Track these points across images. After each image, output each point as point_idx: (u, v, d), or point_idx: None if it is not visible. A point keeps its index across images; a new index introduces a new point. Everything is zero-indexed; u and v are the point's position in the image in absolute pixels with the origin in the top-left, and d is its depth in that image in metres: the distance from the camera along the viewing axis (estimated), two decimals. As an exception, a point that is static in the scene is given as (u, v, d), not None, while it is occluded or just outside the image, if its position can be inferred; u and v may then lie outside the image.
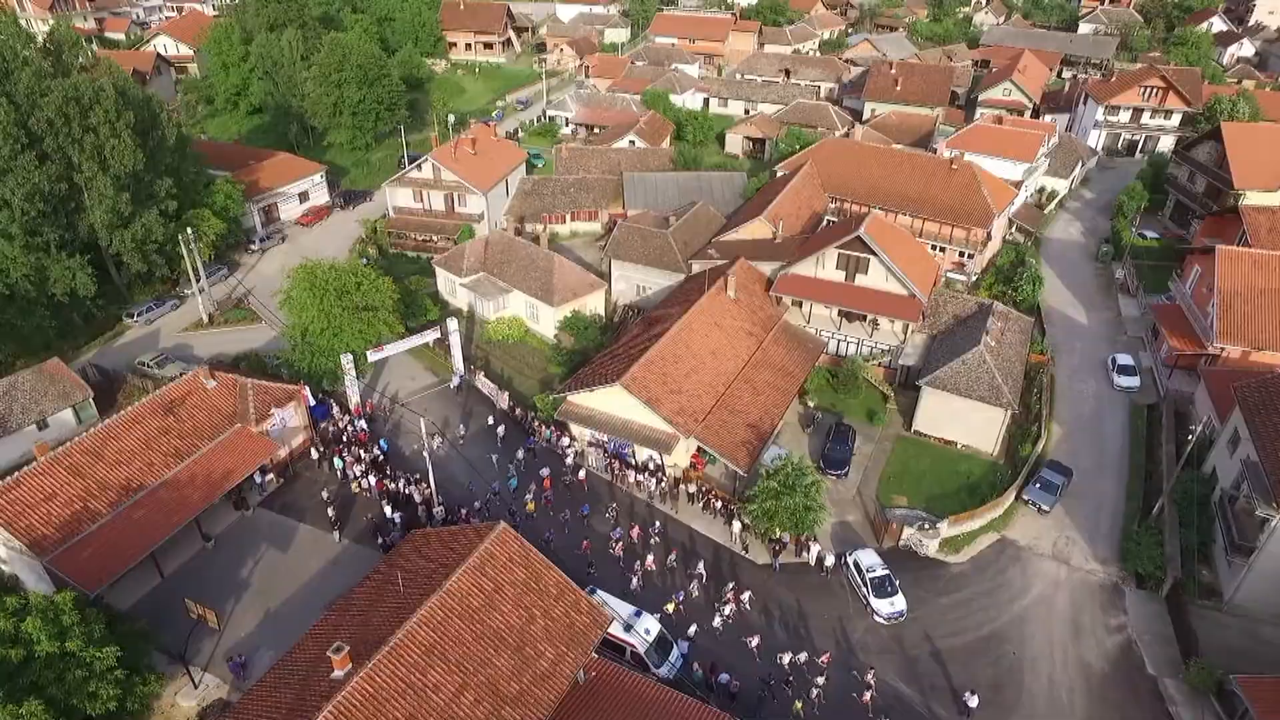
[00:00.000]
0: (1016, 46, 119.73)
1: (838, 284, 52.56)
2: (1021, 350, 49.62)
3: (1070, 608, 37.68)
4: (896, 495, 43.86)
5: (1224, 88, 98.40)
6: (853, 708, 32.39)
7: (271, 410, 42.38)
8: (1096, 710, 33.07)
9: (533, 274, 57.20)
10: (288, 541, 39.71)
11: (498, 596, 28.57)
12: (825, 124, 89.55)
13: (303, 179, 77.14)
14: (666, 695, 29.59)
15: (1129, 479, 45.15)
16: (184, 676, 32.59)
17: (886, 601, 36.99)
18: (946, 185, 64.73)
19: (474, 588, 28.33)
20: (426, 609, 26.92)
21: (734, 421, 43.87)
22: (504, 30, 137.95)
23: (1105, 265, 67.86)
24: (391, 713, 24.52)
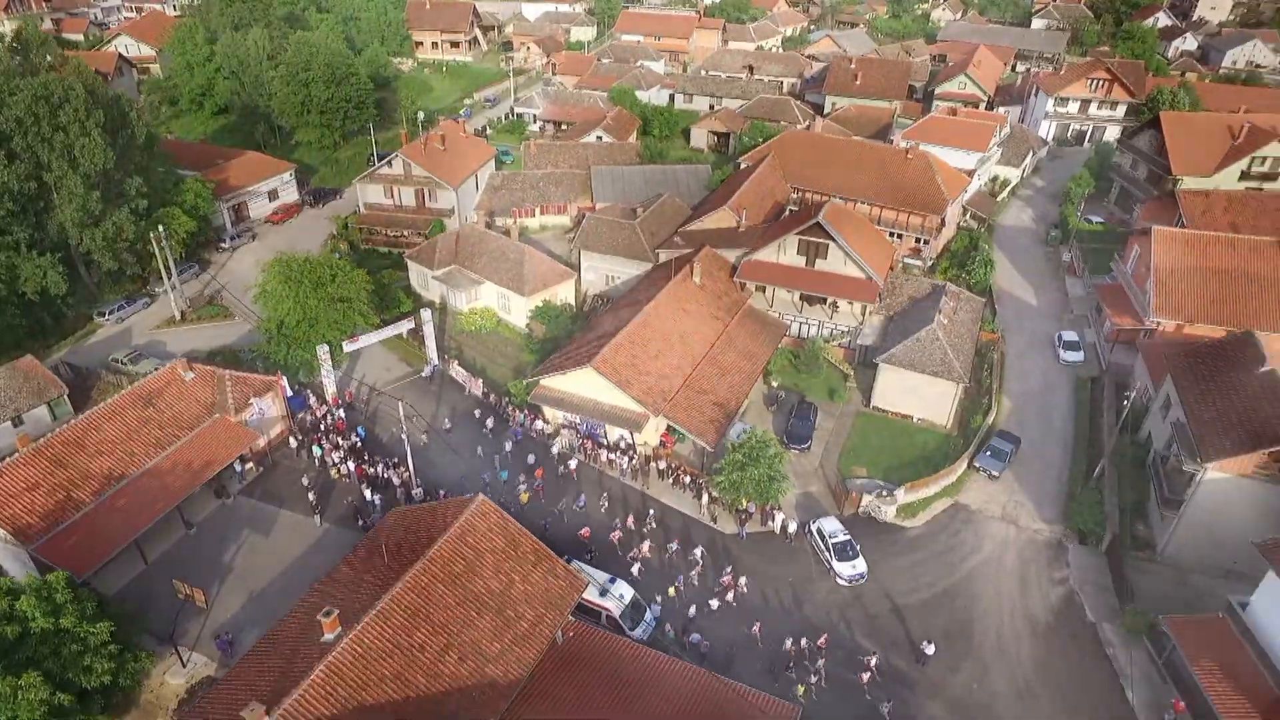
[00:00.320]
0: (972, 42, 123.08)
1: (799, 269, 54.71)
2: (973, 328, 52.15)
3: (1018, 564, 40.14)
4: (856, 466, 46.06)
5: (1166, 79, 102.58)
6: (852, 688, 33.54)
7: (250, 400, 43.38)
8: (1041, 654, 35.49)
9: (504, 265, 58.61)
10: (269, 527, 40.81)
11: (478, 563, 30.10)
12: (787, 118, 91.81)
13: (272, 177, 77.64)
14: (641, 652, 31.40)
15: (1073, 446, 47.87)
16: (172, 657, 33.66)
17: (848, 565, 39.11)
18: (903, 174, 67.22)
19: (455, 555, 29.83)
20: (411, 575, 28.37)
21: (701, 401, 45.76)
22: (470, 29, 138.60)
23: (1053, 249, 70.91)
24: (380, 671, 25.97)
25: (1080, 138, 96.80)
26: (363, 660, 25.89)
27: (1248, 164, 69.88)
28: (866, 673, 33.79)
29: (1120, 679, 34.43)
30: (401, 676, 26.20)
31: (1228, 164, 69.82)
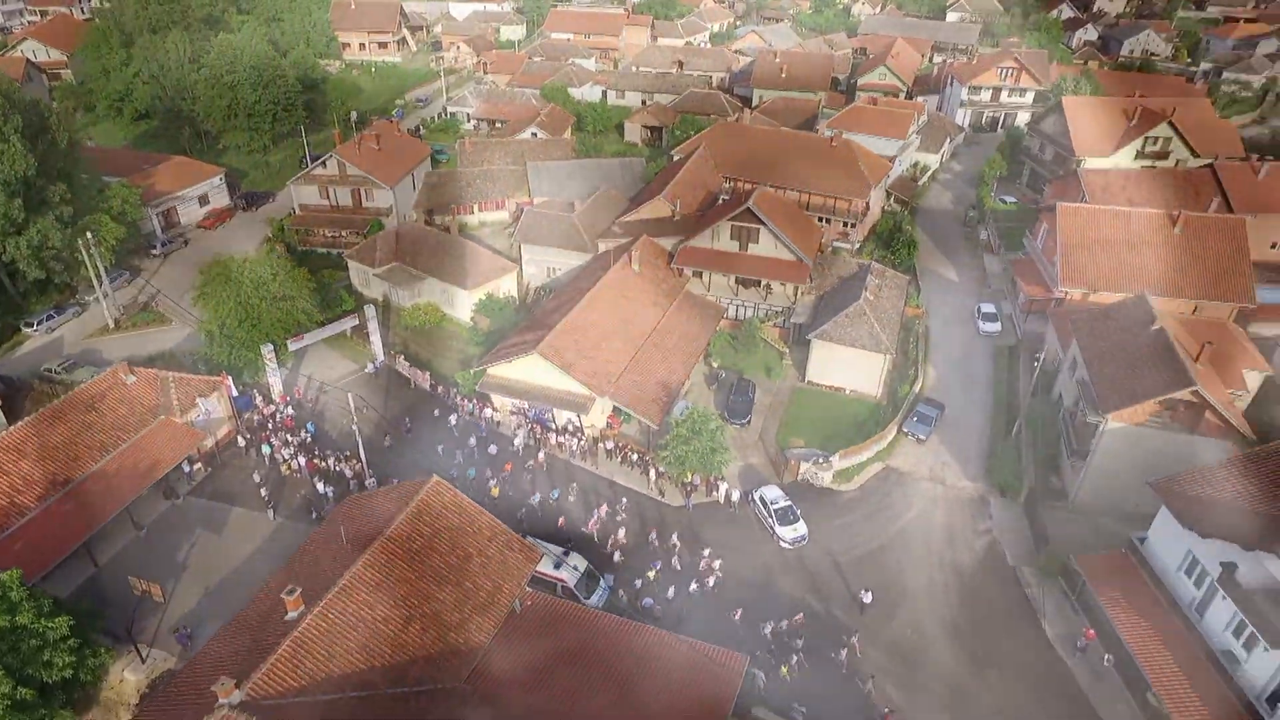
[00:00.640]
0: (891, 35, 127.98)
1: (733, 254, 56.96)
2: (898, 303, 55.18)
3: (945, 519, 43.09)
4: (794, 437, 48.47)
5: (1070, 68, 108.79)
6: (830, 665, 34.61)
7: (196, 401, 43.35)
8: (968, 598, 38.35)
9: (445, 261, 59.34)
10: (222, 524, 40.98)
11: (435, 540, 31.24)
12: (717, 111, 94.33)
13: (201, 182, 76.36)
14: (596, 616, 32.98)
15: (993, 409, 51.29)
16: (130, 654, 33.79)
17: (790, 528, 41.39)
18: (828, 162, 70.16)
19: (413, 533, 30.91)
20: (370, 553, 29.38)
21: (644, 381, 47.52)
22: (398, 29, 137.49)
23: (971, 228, 74.97)
24: (345, 643, 26.96)
25: (994, 124, 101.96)
26: (327, 635, 26.84)
27: (1142, 144, 75.21)
28: (844, 649, 34.75)
29: (1038, 615, 37.51)
30: (366, 648, 27.24)
31: (1124, 144, 75.00)
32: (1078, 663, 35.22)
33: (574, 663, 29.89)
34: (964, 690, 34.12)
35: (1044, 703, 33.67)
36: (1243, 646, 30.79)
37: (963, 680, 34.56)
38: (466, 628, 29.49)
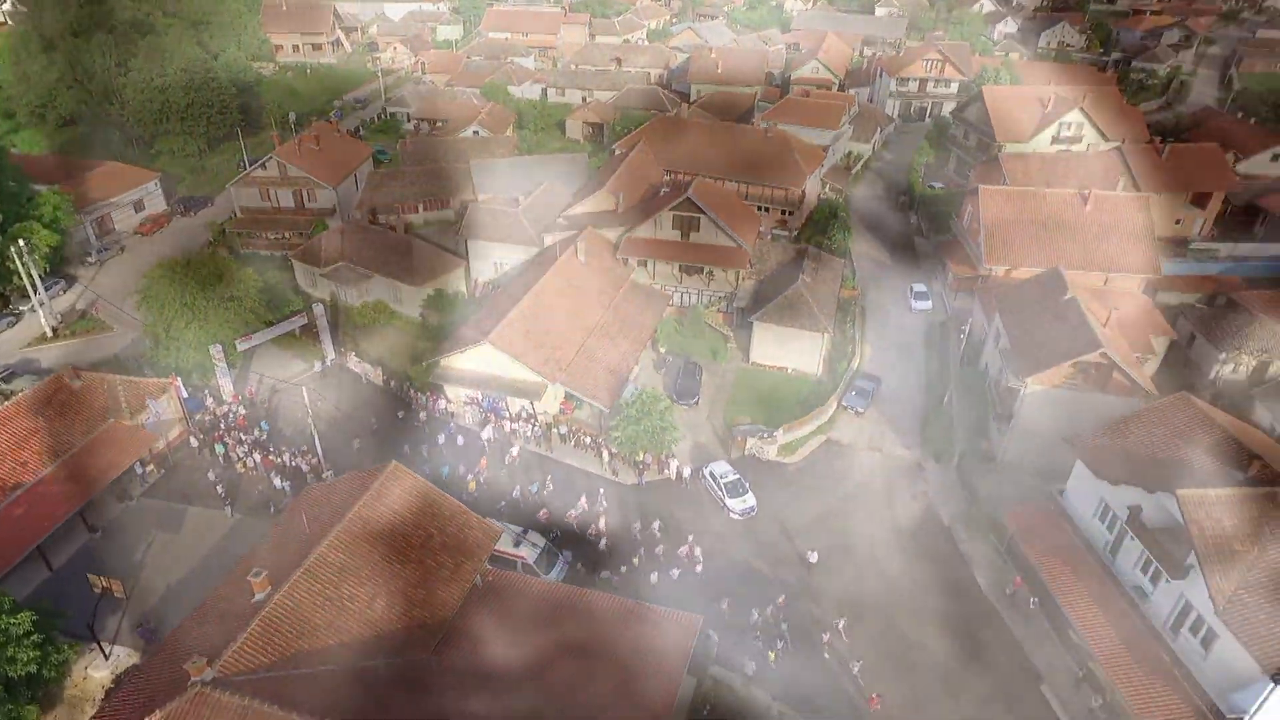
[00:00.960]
0: (823, 30, 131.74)
1: (675, 242, 58.80)
2: (834, 285, 57.72)
3: (884, 484, 45.62)
4: (740, 415, 50.52)
5: (991, 59, 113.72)
6: (814, 647, 35.62)
7: (146, 403, 43.24)
8: (907, 555, 40.84)
9: (392, 259, 59.81)
10: (179, 523, 41.08)
11: (397, 521, 32.21)
12: (656, 106, 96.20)
13: (136, 188, 75.06)
14: (555, 587, 34.36)
15: (926, 380, 54.18)
16: (93, 651, 33.91)
17: (739, 500, 43.34)
18: (764, 152, 72.59)
19: (374, 515, 31.83)
20: (334, 535, 30.23)
21: (594, 368, 48.98)
22: (332, 31, 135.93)
23: (903, 213, 78.34)
24: (313, 621, 27.83)
25: (922, 114, 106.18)
26: (295, 614, 27.67)
27: (1056, 129, 79.52)
28: (827, 633, 35.72)
29: (971, 566, 40.19)
30: (334, 625, 28.14)
31: (1040, 130, 79.20)
32: (1007, 607, 37.94)
33: (535, 630, 31.19)
34: (905, 639, 36.47)
35: (978, 645, 36.25)
36: (1149, 581, 33.77)
37: (904, 630, 36.93)
38: (431, 603, 30.57)
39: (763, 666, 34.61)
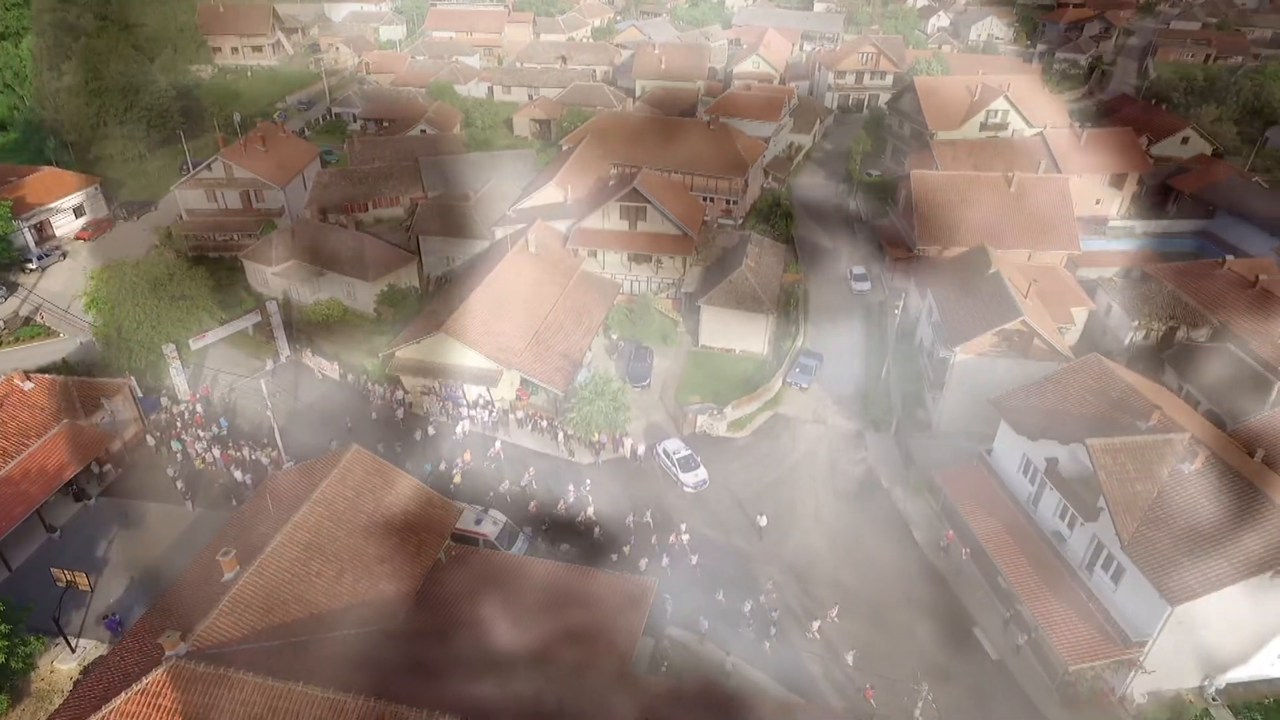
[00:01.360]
0: (763, 26, 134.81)
1: (623, 232, 60.59)
2: (778, 268, 60.12)
3: (828, 454, 48.06)
4: (691, 395, 52.53)
5: (924, 51, 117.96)
6: (803, 636, 36.42)
7: (100, 403, 43.39)
8: (850, 518, 43.26)
9: (344, 256, 60.35)
10: (140, 520, 41.41)
11: (360, 500, 33.36)
12: (602, 102, 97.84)
13: (75, 193, 73.93)
14: (516, 558, 35.86)
15: (866, 356, 56.89)
16: (59, 645, 34.29)
17: (692, 474, 45.29)
18: (707, 144, 74.85)
19: (338, 496, 32.94)
20: (299, 516, 31.29)
21: (547, 354, 50.45)
22: (272, 32, 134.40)
23: (843, 200, 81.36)
24: (282, 596, 28.90)
25: (859, 105, 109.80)
26: (264, 590, 28.72)
27: (984, 117, 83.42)
28: (817, 621, 36.27)
29: (909, 525, 42.80)
30: (303, 599, 29.26)
31: (969, 118, 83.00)
32: (941, 559, 40.62)
33: (499, 599, 32.67)
34: (850, 591, 38.77)
35: (916, 595, 38.80)
36: (1066, 526, 36.65)
37: (849, 584, 39.26)
38: (397, 577, 31.81)
39: (759, 656, 35.24)
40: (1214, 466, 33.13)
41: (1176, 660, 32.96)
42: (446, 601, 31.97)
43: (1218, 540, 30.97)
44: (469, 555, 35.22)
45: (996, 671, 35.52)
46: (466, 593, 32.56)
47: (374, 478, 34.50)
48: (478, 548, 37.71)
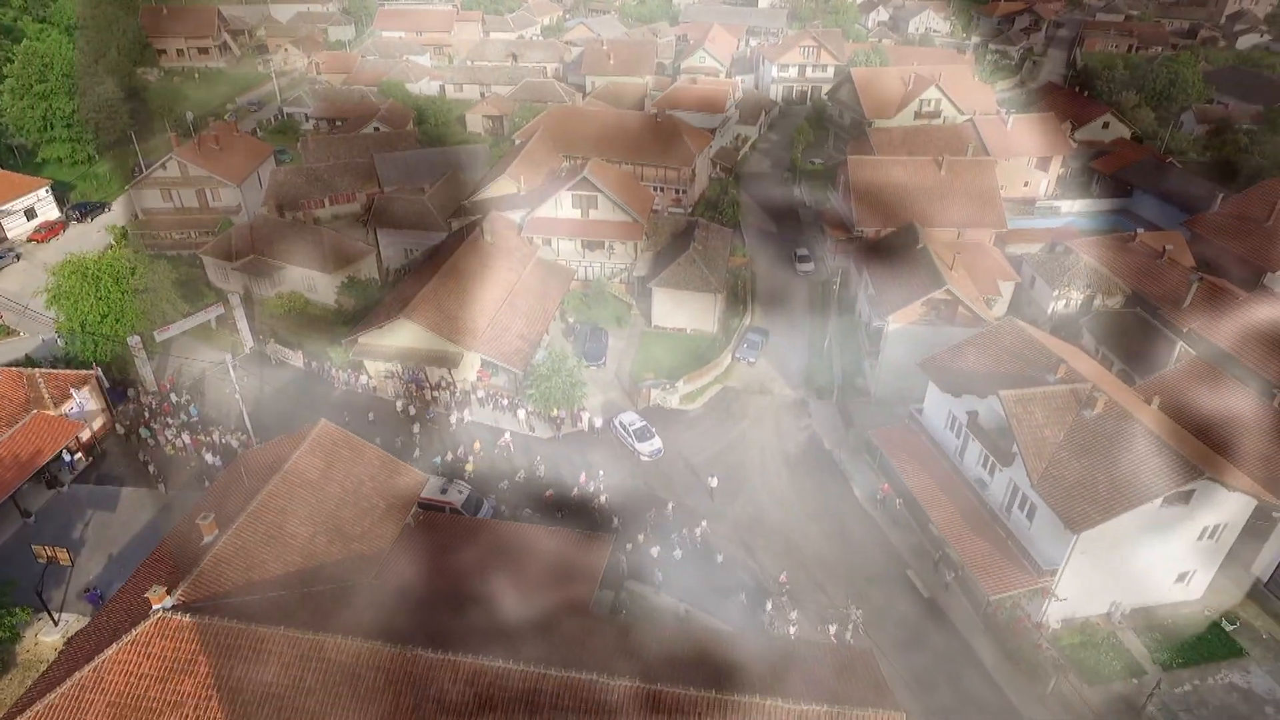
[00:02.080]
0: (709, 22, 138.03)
1: (576, 220, 63.01)
2: (724, 251, 63.08)
3: (775, 421, 51.15)
4: (646, 373, 55.14)
5: (863, 44, 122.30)
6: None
7: (69, 392, 44.46)
8: (794, 477, 46.38)
9: (303, 249, 61.72)
10: (114, 504, 42.69)
11: (331, 470, 35.29)
12: (553, 98, 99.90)
13: (25, 195, 73.88)
14: (480, 521, 38.13)
15: (810, 331, 60.17)
16: (42, 619, 35.62)
17: (647, 444, 47.95)
18: (654, 136, 77.58)
19: (309, 466, 34.82)
20: (273, 484, 33.12)
21: (506, 336, 52.67)
22: (218, 34, 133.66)
23: (787, 187, 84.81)
24: (261, 556, 30.79)
25: (803, 97, 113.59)
26: (243, 550, 30.59)
27: (918, 105, 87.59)
28: (834, 625, 36.65)
29: (849, 482, 46.05)
30: (281, 559, 31.17)
31: (904, 106, 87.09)
32: (877, 510, 43.92)
33: (464, 558, 34.94)
34: (794, 542, 41.82)
35: (855, 543, 42.02)
36: (988, 473, 40.15)
37: (793, 536, 42.28)
38: (368, 538, 33.87)
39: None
40: (1112, 411, 36.81)
41: (1085, 588, 36.55)
42: (415, 559, 34.10)
43: (1114, 474, 34.59)
44: (436, 519, 37.41)
45: (928, 608, 38.85)
46: (434, 551, 34.74)
47: (342, 449, 36.44)
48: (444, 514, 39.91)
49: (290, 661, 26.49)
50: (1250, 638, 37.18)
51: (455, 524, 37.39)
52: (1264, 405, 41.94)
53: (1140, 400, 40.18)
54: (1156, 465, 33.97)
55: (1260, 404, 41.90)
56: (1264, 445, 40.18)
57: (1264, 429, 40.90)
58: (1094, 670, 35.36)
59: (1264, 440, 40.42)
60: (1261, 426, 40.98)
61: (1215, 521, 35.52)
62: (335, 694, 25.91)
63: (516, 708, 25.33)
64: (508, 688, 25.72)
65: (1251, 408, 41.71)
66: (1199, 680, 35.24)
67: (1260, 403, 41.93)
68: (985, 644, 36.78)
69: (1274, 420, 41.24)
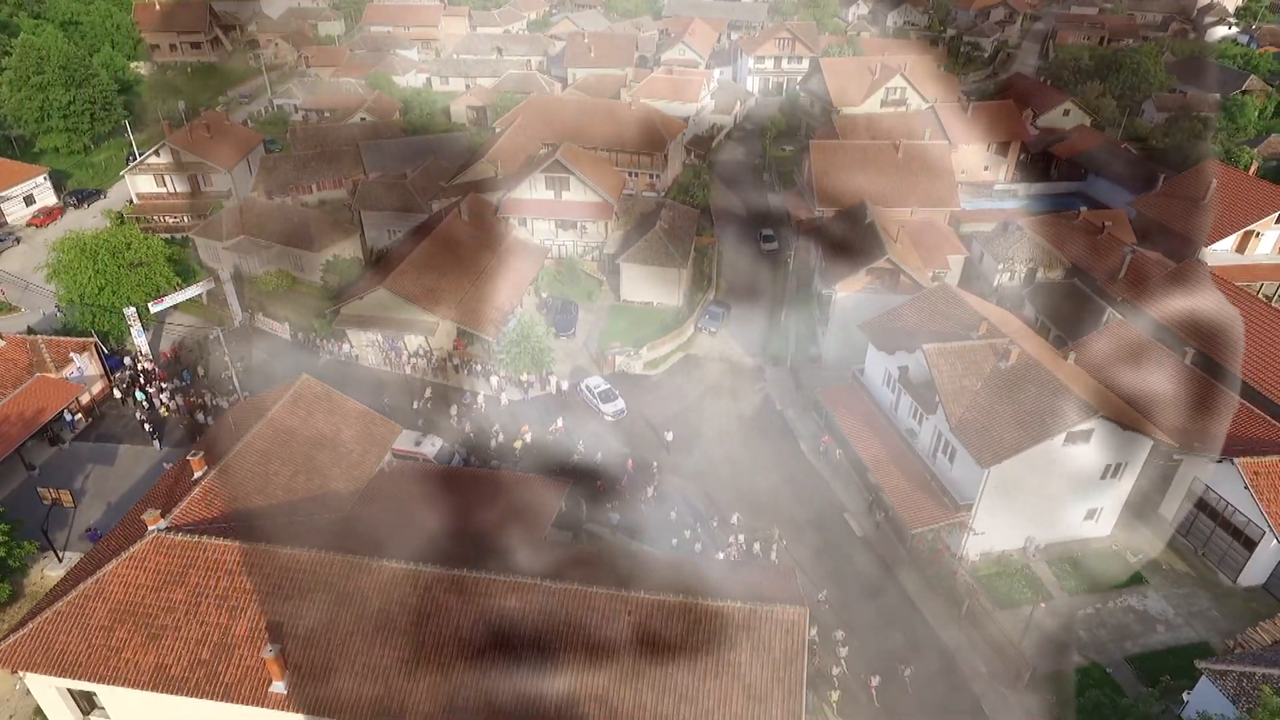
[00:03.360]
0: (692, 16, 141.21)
1: (549, 201, 66.40)
2: (690, 230, 66.44)
3: (732, 385, 54.66)
4: (613, 341, 58.63)
5: (838, 37, 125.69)
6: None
7: (69, 357, 47.79)
8: (747, 434, 49.89)
9: (291, 229, 65.00)
10: (111, 459, 46.08)
11: (310, 419, 38.69)
12: (535, 89, 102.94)
13: (25, 182, 77.06)
14: (448, 468, 41.58)
15: (770, 305, 63.64)
16: (47, 556, 39.01)
17: (611, 405, 51.41)
18: (630, 124, 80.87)
19: (290, 415, 38.21)
20: (257, 429, 36.51)
21: (481, 307, 56.09)
22: (210, 29, 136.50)
23: (758, 174, 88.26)
24: (246, 489, 34.19)
25: (779, 88, 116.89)
26: (230, 484, 33.97)
27: (885, 94, 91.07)
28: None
29: (796, 437, 49.56)
30: (263, 492, 34.56)
31: (871, 94, 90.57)
32: (820, 461, 47.47)
33: (430, 496, 38.35)
34: (744, 490, 45.26)
35: (800, 489, 45.55)
36: (917, 423, 43.69)
37: (743, 484, 45.75)
38: (344, 479, 37.28)
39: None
40: (1024, 362, 40.34)
41: (1001, 525, 40.09)
42: (386, 496, 37.54)
43: (1021, 416, 38.14)
44: (409, 466, 40.84)
45: (862, 545, 42.42)
46: (404, 491, 38.18)
47: (322, 401, 39.85)
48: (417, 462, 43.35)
49: (270, 573, 29.86)
50: (1151, 569, 40.80)
51: (425, 469, 40.83)
52: (1175, 361, 45.69)
53: (1057, 356, 43.75)
54: (1057, 407, 37.51)
55: (1171, 360, 45.63)
56: (1171, 395, 43.92)
57: (1173, 382, 44.65)
58: (1006, 596, 38.97)
59: (1172, 391, 44.16)
60: (1171, 380, 44.73)
61: (1115, 461, 39.07)
62: (310, 599, 29.31)
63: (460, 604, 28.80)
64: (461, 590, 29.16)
65: (1164, 363, 45.45)
66: (1100, 604, 38.84)
67: (1171, 359, 45.66)
68: (909, 574, 40.36)
69: (1183, 374, 45.01)
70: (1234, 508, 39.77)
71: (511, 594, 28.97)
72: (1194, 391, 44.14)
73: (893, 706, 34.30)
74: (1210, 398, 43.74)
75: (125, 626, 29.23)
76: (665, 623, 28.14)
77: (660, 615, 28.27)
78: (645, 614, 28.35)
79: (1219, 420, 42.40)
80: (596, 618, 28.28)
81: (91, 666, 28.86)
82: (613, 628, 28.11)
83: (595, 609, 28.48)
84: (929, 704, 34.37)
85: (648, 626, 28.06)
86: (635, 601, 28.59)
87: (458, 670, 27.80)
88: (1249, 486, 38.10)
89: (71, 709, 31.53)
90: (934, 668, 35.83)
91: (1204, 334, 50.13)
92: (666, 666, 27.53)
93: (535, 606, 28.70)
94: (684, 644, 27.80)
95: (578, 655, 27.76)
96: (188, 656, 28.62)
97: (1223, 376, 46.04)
